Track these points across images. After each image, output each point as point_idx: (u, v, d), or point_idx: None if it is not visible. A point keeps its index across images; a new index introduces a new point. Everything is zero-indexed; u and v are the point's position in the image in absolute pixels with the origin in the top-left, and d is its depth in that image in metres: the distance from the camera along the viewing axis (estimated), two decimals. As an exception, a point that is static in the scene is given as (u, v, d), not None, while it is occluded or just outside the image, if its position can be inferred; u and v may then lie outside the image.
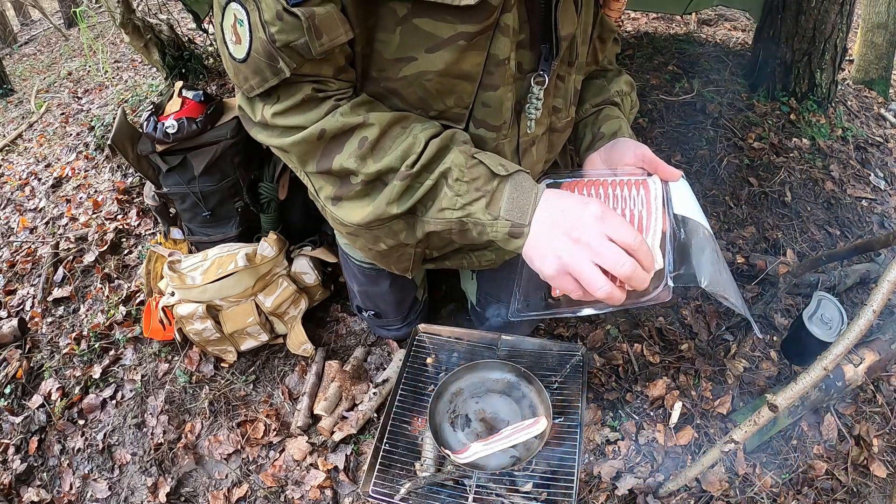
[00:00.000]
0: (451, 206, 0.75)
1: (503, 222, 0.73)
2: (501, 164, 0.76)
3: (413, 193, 0.76)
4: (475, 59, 0.75)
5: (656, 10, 3.64)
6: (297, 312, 1.75)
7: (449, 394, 1.42)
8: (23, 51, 6.52)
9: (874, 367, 1.46)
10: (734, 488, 1.37)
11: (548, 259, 0.71)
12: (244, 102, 0.79)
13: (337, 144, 0.75)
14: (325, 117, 0.74)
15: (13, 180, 3.04)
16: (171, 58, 3.00)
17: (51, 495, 1.56)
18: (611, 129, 0.99)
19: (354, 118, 0.74)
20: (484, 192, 0.73)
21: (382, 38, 0.73)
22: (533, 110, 0.86)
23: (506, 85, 0.81)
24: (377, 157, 0.75)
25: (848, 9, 2.41)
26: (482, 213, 0.74)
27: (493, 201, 0.74)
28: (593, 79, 1.08)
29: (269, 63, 0.69)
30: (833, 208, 2.21)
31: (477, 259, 1.27)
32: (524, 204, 0.73)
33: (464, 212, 0.74)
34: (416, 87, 0.78)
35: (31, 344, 1.96)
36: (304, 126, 0.74)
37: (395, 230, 0.84)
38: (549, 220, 0.72)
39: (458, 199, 0.74)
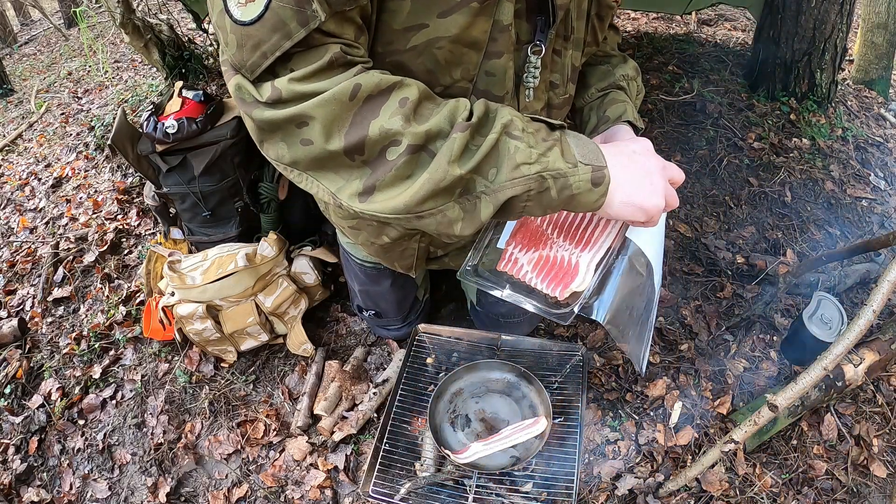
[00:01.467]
0: (527, 160, 0.66)
1: (584, 167, 0.69)
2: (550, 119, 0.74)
3: (475, 152, 0.66)
4: (483, 26, 0.74)
5: (656, 10, 3.64)
6: (297, 312, 1.75)
7: (449, 394, 1.42)
8: (23, 51, 6.52)
9: (874, 367, 1.46)
10: (734, 488, 1.37)
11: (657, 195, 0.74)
12: (245, 83, 0.66)
13: (372, 106, 0.64)
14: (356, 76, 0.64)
15: (13, 180, 3.04)
16: (171, 58, 3.00)
17: (51, 495, 1.56)
18: (615, 113, 0.99)
19: (392, 77, 0.66)
20: (553, 140, 0.69)
21: (392, 6, 0.69)
22: (531, 79, 0.85)
23: (508, 52, 0.79)
24: (422, 114, 0.66)
25: (848, 9, 2.41)
26: (560, 161, 0.68)
27: (564, 149, 0.70)
28: (598, 64, 1.09)
29: (297, 9, 0.60)
30: (833, 208, 2.21)
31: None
32: (594, 149, 0.72)
33: (541, 164, 0.67)
34: (426, 57, 0.74)
35: (31, 344, 1.96)
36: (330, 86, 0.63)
37: (450, 217, 0.68)
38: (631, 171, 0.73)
39: (531, 150, 0.67)
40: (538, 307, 0.81)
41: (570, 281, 0.81)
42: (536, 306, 0.81)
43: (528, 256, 0.85)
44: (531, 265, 0.84)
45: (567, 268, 0.82)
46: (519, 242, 0.88)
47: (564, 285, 0.81)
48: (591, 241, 0.85)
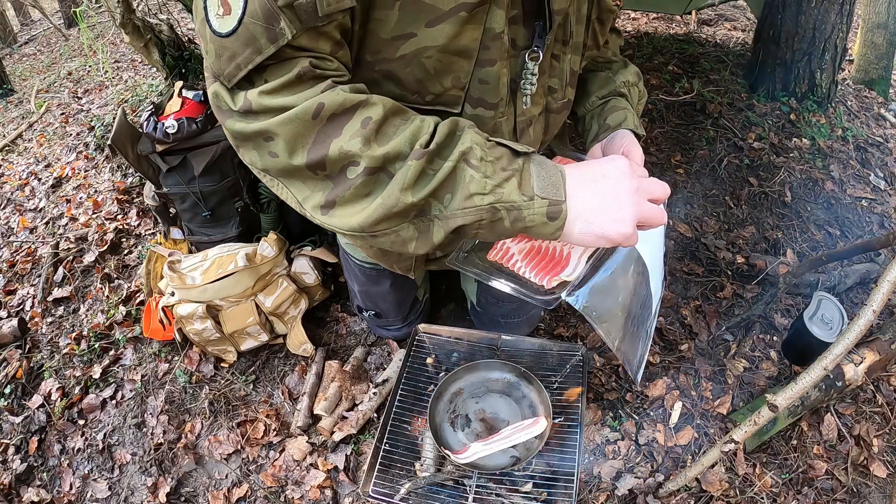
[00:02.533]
0: (481, 191, 0.65)
1: (540, 202, 0.67)
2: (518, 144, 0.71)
3: (430, 178, 0.65)
4: (473, 34, 0.74)
5: (656, 11, 3.64)
6: (297, 312, 1.75)
7: (449, 394, 1.42)
8: (23, 51, 6.52)
9: (874, 367, 1.46)
10: (734, 488, 1.37)
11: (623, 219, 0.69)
12: (223, 91, 0.67)
13: (335, 126, 0.65)
14: (322, 93, 0.65)
15: (13, 180, 3.04)
16: (171, 58, 2.99)
17: (51, 495, 1.56)
18: (616, 121, 0.99)
19: (357, 96, 0.65)
20: (512, 171, 0.67)
21: (380, 15, 0.69)
22: (528, 86, 0.85)
23: (502, 60, 0.79)
24: (382, 141, 0.65)
25: (848, 9, 2.41)
26: (516, 193, 0.66)
27: (523, 180, 0.67)
28: (599, 71, 1.08)
29: (266, 26, 0.62)
30: (833, 208, 2.21)
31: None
32: (555, 180, 0.68)
33: (495, 196, 0.66)
34: (415, 66, 0.74)
35: (31, 344, 1.96)
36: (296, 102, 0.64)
37: (403, 237, 0.69)
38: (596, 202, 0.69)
39: (486, 181, 0.65)
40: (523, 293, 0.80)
41: (560, 271, 0.81)
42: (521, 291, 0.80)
43: (520, 246, 0.86)
44: (521, 255, 0.85)
45: (559, 258, 0.82)
46: None
47: (553, 274, 0.81)
48: None
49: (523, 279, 0.82)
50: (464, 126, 0.69)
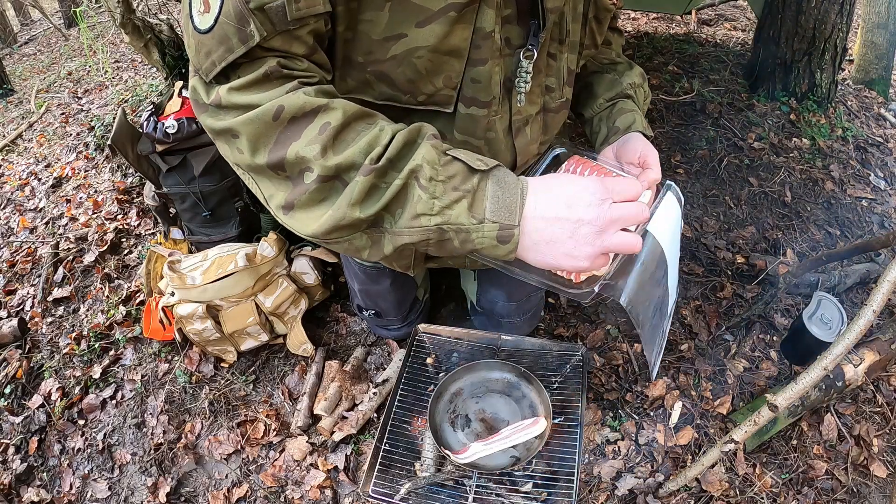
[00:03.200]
0: (428, 212, 0.64)
1: (490, 225, 0.64)
2: (479, 159, 0.67)
3: (380, 195, 0.65)
4: (463, 34, 0.74)
5: (656, 11, 3.64)
6: (297, 312, 1.75)
7: (449, 394, 1.42)
8: (23, 51, 6.52)
9: (874, 367, 1.46)
10: (734, 488, 1.37)
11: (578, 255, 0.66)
12: (199, 85, 0.70)
13: (295, 129, 0.65)
14: (285, 95, 0.65)
15: (13, 180, 3.04)
16: (171, 58, 2.99)
17: (51, 495, 1.56)
18: (625, 123, 0.99)
19: (318, 100, 0.65)
20: (463, 191, 0.64)
21: (369, 17, 0.69)
22: (522, 84, 0.84)
23: (493, 59, 0.79)
24: (338, 148, 0.65)
25: (848, 9, 2.41)
26: (465, 216, 0.64)
27: (475, 202, 0.64)
28: (605, 73, 1.08)
29: (238, 27, 0.63)
30: (833, 208, 2.21)
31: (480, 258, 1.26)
32: (511, 201, 0.65)
33: (443, 217, 0.64)
34: (406, 66, 0.74)
35: (31, 344, 1.96)
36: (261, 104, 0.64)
37: (356, 245, 0.68)
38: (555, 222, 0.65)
39: (434, 202, 0.64)
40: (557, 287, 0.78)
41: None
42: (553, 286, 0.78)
43: None
44: None
45: None
46: None
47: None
48: None
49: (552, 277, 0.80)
50: (423, 136, 0.68)
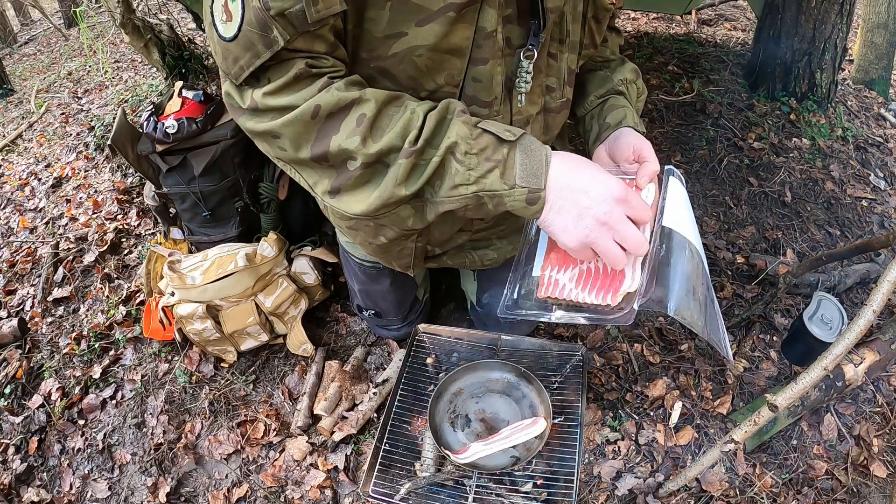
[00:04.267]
0: (465, 182, 0.71)
1: (520, 190, 0.71)
2: (508, 130, 0.72)
3: (421, 172, 0.71)
4: (464, 33, 0.76)
5: (656, 11, 3.64)
6: (297, 312, 1.75)
7: (449, 394, 1.42)
8: (23, 51, 6.52)
9: (874, 367, 1.46)
10: (734, 488, 1.37)
11: (571, 233, 0.72)
12: (233, 90, 0.74)
13: (333, 124, 0.71)
14: (319, 93, 0.70)
15: (13, 180, 3.04)
16: (171, 58, 2.99)
17: (51, 495, 1.56)
18: (615, 119, 0.99)
19: (351, 93, 0.70)
20: (495, 161, 0.70)
21: (372, 15, 0.72)
22: (523, 84, 0.86)
23: (495, 59, 0.81)
24: (376, 136, 0.71)
25: (848, 9, 2.41)
26: (498, 183, 0.71)
27: (506, 169, 0.71)
28: (596, 70, 1.08)
29: (261, 34, 0.67)
30: (833, 208, 2.21)
31: (479, 258, 1.27)
32: (537, 168, 0.71)
33: (478, 185, 0.71)
34: (407, 64, 0.77)
35: (31, 344, 1.96)
36: (297, 105, 0.69)
37: (402, 216, 0.77)
38: (571, 196, 0.71)
39: (470, 173, 0.70)
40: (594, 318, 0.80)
41: (619, 285, 0.79)
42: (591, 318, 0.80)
43: (569, 274, 0.84)
44: (573, 282, 0.83)
45: (612, 273, 0.81)
46: (554, 264, 0.86)
47: (615, 291, 0.79)
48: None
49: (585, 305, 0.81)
50: (453, 113, 0.72)
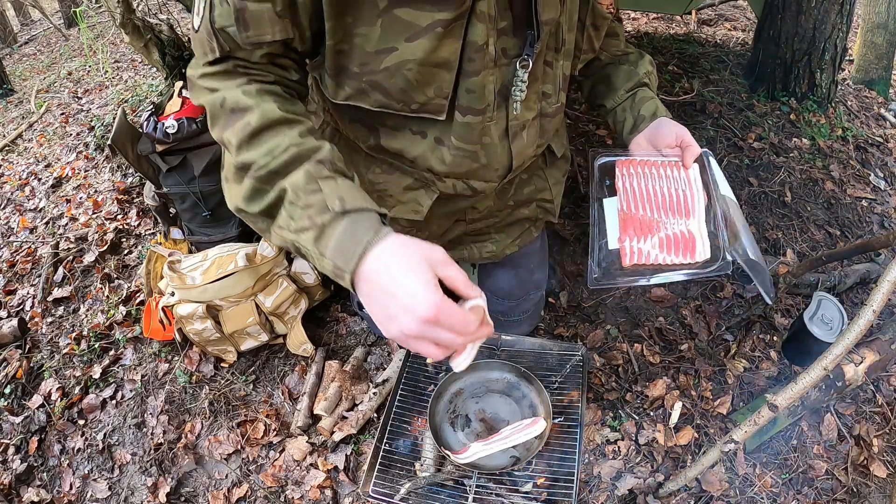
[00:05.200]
0: (287, 227, 0.72)
1: (328, 261, 0.68)
2: (341, 198, 0.69)
3: (262, 198, 0.73)
4: (452, 47, 0.78)
5: (656, 11, 3.64)
6: (297, 312, 1.75)
7: (449, 394, 1.42)
8: (23, 51, 6.52)
9: (874, 367, 1.46)
10: (734, 488, 1.37)
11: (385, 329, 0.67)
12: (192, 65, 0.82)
13: (233, 118, 0.75)
14: (235, 88, 0.75)
15: (13, 180, 3.04)
16: (171, 58, 2.99)
17: (51, 495, 1.56)
18: (650, 111, 1.07)
19: (248, 100, 0.74)
20: (313, 224, 0.69)
21: (363, 31, 0.75)
22: (518, 93, 0.88)
23: (487, 70, 0.83)
24: (250, 146, 0.74)
25: (848, 9, 2.41)
26: (311, 245, 0.69)
27: (322, 236, 0.68)
28: (620, 64, 1.15)
29: (208, 40, 0.75)
30: (833, 208, 2.21)
31: (478, 251, 1.28)
32: (353, 250, 0.66)
33: (295, 237, 0.71)
34: (398, 77, 0.80)
35: (31, 344, 1.96)
36: (216, 90, 0.77)
37: (260, 228, 0.78)
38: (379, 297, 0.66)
39: (291, 221, 0.71)
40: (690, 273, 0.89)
41: (694, 247, 0.92)
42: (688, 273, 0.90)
43: (651, 242, 0.94)
44: (657, 248, 0.93)
45: (687, 237, 0.93)
46: (633, 235, 0.96)
47: (693, 252, 0.91)
48: (689, 208, 0.97)
49: (671, 266, 0.92)
50: (312, 158, 0.73)
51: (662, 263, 0.93)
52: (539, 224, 1.38)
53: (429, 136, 0.92)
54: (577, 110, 2.72)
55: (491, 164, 0.98)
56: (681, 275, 0.91)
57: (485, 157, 0.96)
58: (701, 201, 0.97)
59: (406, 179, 1.03)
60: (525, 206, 1.26)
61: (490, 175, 1.02)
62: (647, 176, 1.03)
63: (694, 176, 1.01)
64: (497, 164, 0.99)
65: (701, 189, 0.99)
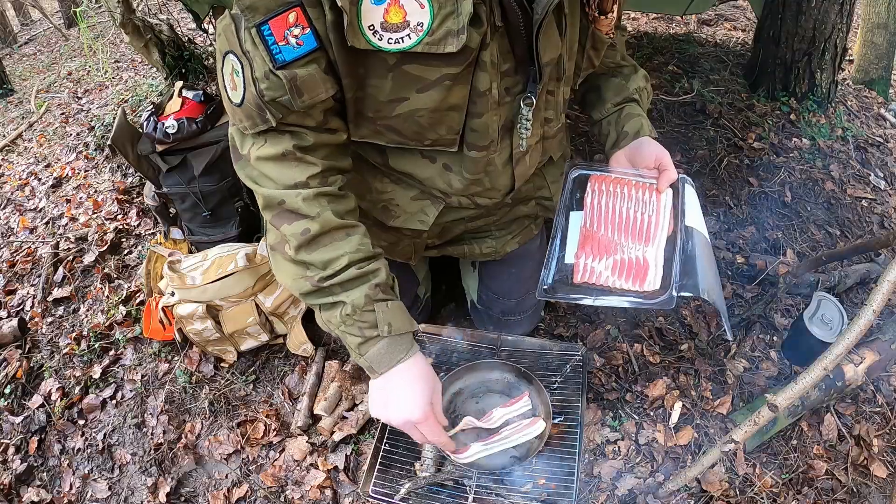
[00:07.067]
0: (336, 325, 0.87)
1: (363, 360, 0.87)
2: (389, 324, 0.85)
3: (320, 299, 0.86)
4: (461, 93, 0.83)
5: (656, 11, 3.64)
6: (297, 312, 1.75)
7: (449, 394, 1.42)
8: (23, 51, 6.52)
9: (874, 367, 1.46)
10: (734, 488, 1.37)
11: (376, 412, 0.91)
12: (236, 134, 0.87)
13: (291, 217, 0.84)
14: (291, 188, 0.83)
15: (13, 180, 3.04)
16: (171, 58, 2.99)
17: (51, 495, 1.56)
18: (634, 128, 1.07)
19: (308, 209, 0.83)
20: (362, 335, 0.85)
21: (375, 83, 0.80)
22: (524, 130, 0.94)
23: (490, 111, 0.88)
24: (310, 249, 0.84)
25: (848, 9, 2.41)
26: (354, 345, 0.87)
27: (365, 344, 0.86)
28: (611, 77, 1.15)
29: (258, 112, 0.78)
30: (833, 208, 2.21)
31: (478, 247, 1.30)
32: (387, 361, 0.86)
33: (342, 334, 0.87)
34: (411, 122, 0.86)
35: (31, 344, 1.96)
36: (276, 181, 0.83)
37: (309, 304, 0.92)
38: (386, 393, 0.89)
39: (342, 324, 0.86)
40: (635, 302, 0.90)
41: (646, 276, 0.91)
42: (633, 301, 0.90)
43: (604, 263, 0.94)
44: (609, 270, 0.93)
45: (641, 264, 0.92)
46: (590, 253, 0.96)
47: (643, 280, 0.91)
48: (651, 235, 0.96)
49: (619, 290, 0.92)
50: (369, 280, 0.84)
51: (612, 286, 0.93)
52: (539, 221, 1.39)
53: (438, 162, 1.00)
54: (576, 110, 2.72)
55: (494, 187, 1.05)
56: (625, 301, 0.91)
57: (489, 181, 1.03)
58: (664, 229, 0.96)
59: (413, 191, 1.08)
60: (524, 203, 1.27)
61: (493, 195, 1.08)
62: (618, 196, 1.02)
63: (665, 202, 0.99)
64: (500, 186, 1.05)
65: (668, 217, 0.98)
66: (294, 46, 0.72)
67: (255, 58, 0.74)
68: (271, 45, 0.72)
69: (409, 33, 0.73)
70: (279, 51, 0.73)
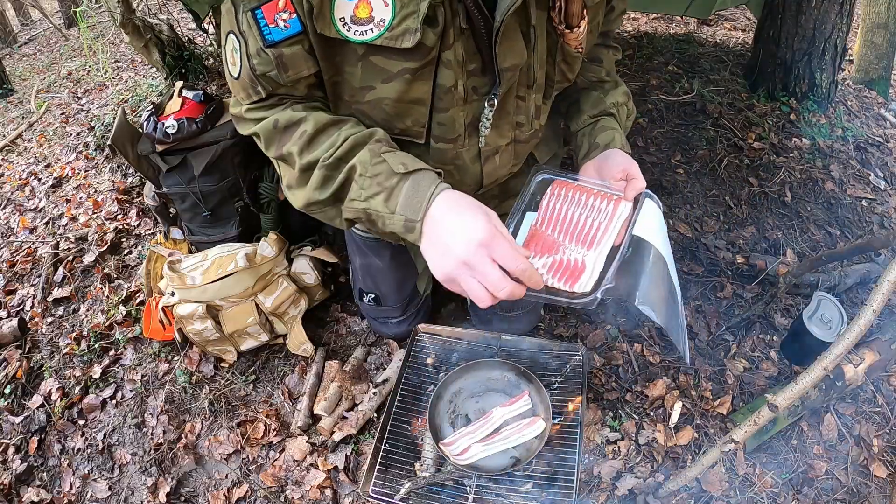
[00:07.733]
0: (358, 198, 0.86)
1: (398, 216, 0.82)
2: (403, 163, 0.84)
3: (332, 183, 0.88)
4: (423, 88, 0.90)
5: (655, 11, 3.64)
6: (297, 312, 1.75)
7: (449, 394, 1.42)
8: (23, 51, 6.52)
9: (874, 367, 1.46)
10: (734, 488, 1.37)
11: (438, 268, 0.80)
12: (235, 106, 0.96)
13: (287, 134, 0.90)
14: (282, 111, 0.90)
15: (13, 180, 3.04)
16: (171, 58, 2.99)
17: (51, 495, 1.56)
18: (605, 140, 1.09)
19: (299, 113, 0.90)
20: (383, 187, 0.83)
21: (349, 70, 0.89)
22: (483, 128, 1.00)
23: (455, 107, 0.95)
24: (311, 149, 0.89)
25: (848, 9, 2.41)
26: (381, 206, 0.84)
27: (391, 196, 0.83)
28: (591, 90, 1.19)
29: (251, 85, 0.89)
30: (833, 208, 2.21)
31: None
32: (418, 202, 0.81)
33: (367, 204, 0.85)
34: (378, 110, 0.93)
35: (31, 344, 1.96)
36: (266, 117, 0.91)
37: (329, 215, 0.94)
38: (440, 234, 0.79)
39: (362, 191, 0.85)
40: (560, 301, 0.92)
41: (579, 278, 0.93)
42: (559, 300, 0.92)
43: (543, 262, 0.96)
44: (546, 269, 0.95)
45: (578, 267, 0.94)
46: (533, 251, 0.98)
47: (575, 281, 0.93)
48: (595, 240, 0.98)
49: (553, 289, 0.93)
50: (370, 140, 0.88)
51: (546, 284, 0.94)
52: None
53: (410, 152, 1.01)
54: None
55: (463, 181, 1.10)
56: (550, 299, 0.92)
57: (458, 174, 1.08)
58: (611, 238, 0.97)
59: None
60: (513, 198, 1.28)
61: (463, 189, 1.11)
62: (574, 202, 1.04)
63: (621, 212, 1.00)
64: (469, 181, 1.11)
65: (620, 227, 0.99)
66: (282, 29, 0.83)
67: (249, 37, 0.85)
68: (263, 26, 0.83)
69: (373, 27, 0.83)
70: (269, 32, 0.83)
